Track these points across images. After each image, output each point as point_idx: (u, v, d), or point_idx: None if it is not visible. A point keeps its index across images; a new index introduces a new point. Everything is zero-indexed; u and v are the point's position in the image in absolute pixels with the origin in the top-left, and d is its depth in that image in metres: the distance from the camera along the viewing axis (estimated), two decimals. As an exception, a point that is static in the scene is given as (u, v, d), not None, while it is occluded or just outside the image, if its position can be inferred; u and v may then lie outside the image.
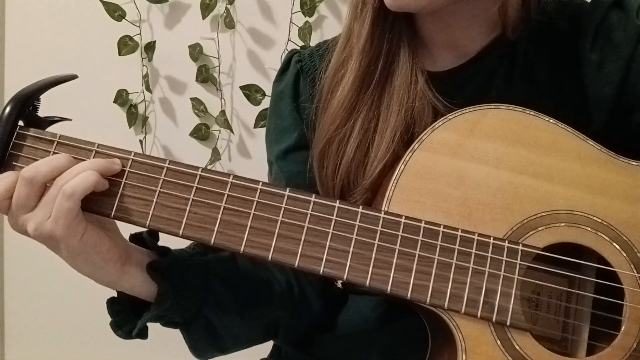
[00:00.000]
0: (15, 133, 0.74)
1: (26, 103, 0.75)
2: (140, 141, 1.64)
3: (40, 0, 1.69)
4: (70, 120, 0.79)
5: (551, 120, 0.74)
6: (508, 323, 0.70)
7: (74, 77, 0.78)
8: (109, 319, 0.81)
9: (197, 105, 1.60)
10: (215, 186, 0.73)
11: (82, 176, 0.70)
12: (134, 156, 0.74)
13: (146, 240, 0.82)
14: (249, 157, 1.63)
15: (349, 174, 0.86)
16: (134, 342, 0.85)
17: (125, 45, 1.59)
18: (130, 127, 1.64)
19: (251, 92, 1.54)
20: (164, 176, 0.73)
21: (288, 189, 0.73)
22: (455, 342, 0.70)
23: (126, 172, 0.73)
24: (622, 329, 0.70)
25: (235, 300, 0.86)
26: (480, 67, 0.87)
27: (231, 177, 0.73)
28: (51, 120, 0.78)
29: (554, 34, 0.85)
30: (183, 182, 0.73)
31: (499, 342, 0.70)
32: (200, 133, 1.61)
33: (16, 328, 1.85)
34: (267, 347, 1.01)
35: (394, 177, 0.74)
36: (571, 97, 0.84)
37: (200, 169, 0.73)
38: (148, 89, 1.61)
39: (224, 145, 1.63)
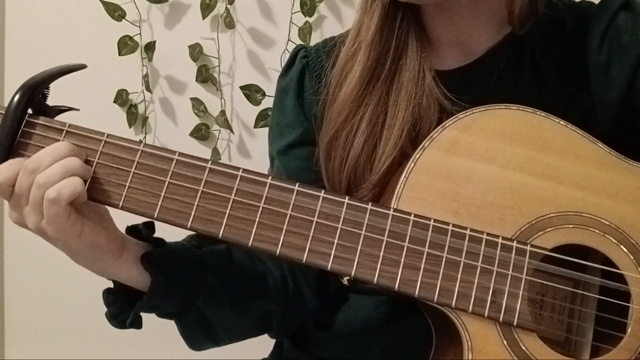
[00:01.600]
0: (25, 121, 0.74)
1: (36, 91, 0.75)
2: (140, 141, 1.62)
3: (40, 0, 1.68)
4: (78, 110, 0.79)
5: (561, 122, 0.74)
6: (515, 323, 0.70)
7: (82, 66, 0.78)
8: (109, 319, 0.82)
9: (197, 105, 1.59)
10: (225, 179, 0.72)
11: (69, 182, 0.70)
12: (143, 147, 0.73)
13: (142, 231, 0.82)
14: (249, 157, 1.62)
15: (356, 168, 0.86)
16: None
17: (125, 45, 1.58)
18: (130, 127, 1.63)
19: (251, 92, 1.53)
20: (173, 168, 0.73)
21: (297, 184, 0.72)
22: (461, 341, 0.70)
23: (135, 162, 0.73)
24: (628, 331, 0.70)
25: (228, 292, 0.86)
26: (488, 67, 0.87)
27: (241, 170, 0.73)
28: (59, 110, 0.78)
29: (562, 34, 0.85)
30: (192, 174, 0.73)
31: (505, 342, 0.70)
32: (200, 133, 1.60)
33: (16, 328, 1.84)
34: (267, 347, 1.00)
35: (403, 175, 0.74)
36: (577, 98, 0.84)
37: (210, 162, 0.73)
38: (148, 89, 1.60)
39: (224, 145, 1.62)
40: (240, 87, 1.55)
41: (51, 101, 0.79)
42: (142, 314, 0.81)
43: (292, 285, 0.92)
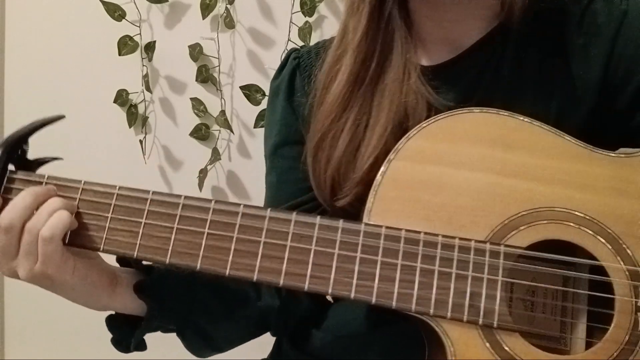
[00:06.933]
0: (6, 178, 0.77)
1: (15, 147, 0.78)
2: (140, 141, 1.65)
3: (40, 0, 1.70)
4: (61, 159, 0.82)
5: (526, 119, 0.75)
6: (495, 325, 0.70)
7: (60, 117, 0.81)
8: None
9: (197, 105, 1.60)
10: (198, 213, 0.75)
11: (57, 217, 0.73)
12: (118, 190, 0.76)
13: (131, 261, 0.85)
14: (249, 157, 1.63)
15: (340, 168, 0.87)
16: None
17: (125, 45, 1.59)
18: (130, 127, 1.65)
19: (251, 92, 1.55)
20: (148, 207, 0.75)
21: (269, 210, 0.74)
22: (444, 347, 0.71)
23: (112, 206, 0.76)
24: (613, 322, 0.70)
25: (222, 303, 0.89)
26: (473, 60, 0.87)
27: (212, 202, 0.75)
28: (41, 162, 0.81)
29: (542, 23, 0.85)
30: (167, 211, 0.75)
31: (487, 344, 0.70)
32: (200, 133, 1.61)
33: (16, 328, 1.87)
34: (267, 347, 1.03)
35: (372, 189, 0.75)
36: (559, 85, 0.84)
37: (182, 197, 0.75)
38: (148, 89, 1.62)
39: (224, 145, 1.63)
40: (240, 87, 1.56)
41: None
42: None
43: None
